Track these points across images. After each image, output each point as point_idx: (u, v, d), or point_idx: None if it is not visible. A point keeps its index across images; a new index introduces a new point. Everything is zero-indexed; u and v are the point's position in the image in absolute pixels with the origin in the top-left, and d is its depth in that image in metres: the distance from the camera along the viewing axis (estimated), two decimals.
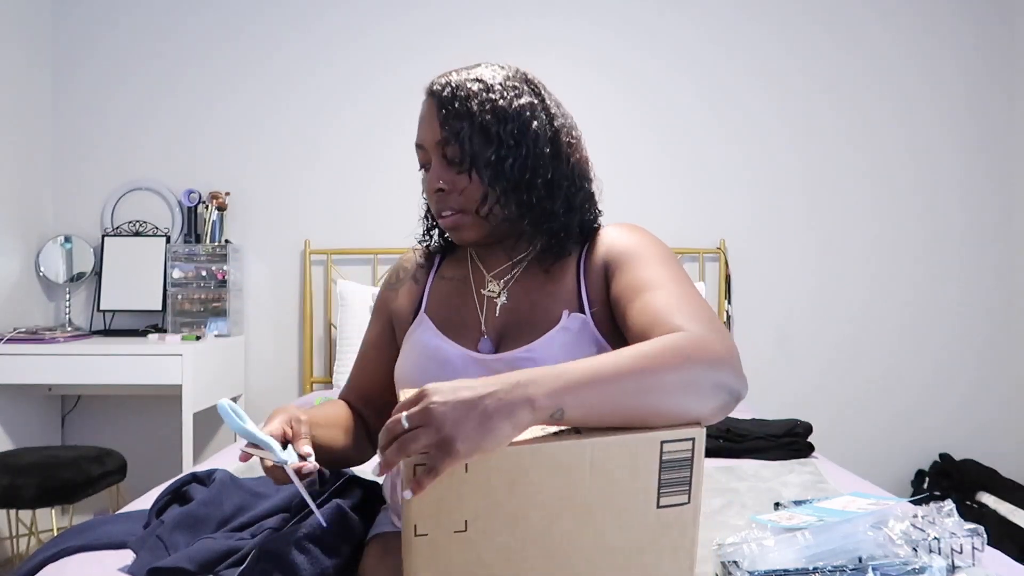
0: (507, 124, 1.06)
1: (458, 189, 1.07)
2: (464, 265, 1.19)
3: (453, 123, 1.06)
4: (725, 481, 1.89)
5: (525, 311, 1.10)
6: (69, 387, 3.05)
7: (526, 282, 1.13)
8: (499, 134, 1.05)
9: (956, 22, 3.25)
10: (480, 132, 1.06)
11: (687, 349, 0.82)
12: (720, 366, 0.84)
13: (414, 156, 1.18)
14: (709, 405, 0.83)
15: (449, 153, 1.07)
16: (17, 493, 2.33)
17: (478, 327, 1.12)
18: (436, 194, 1.09)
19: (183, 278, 3.03)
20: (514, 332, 1.09)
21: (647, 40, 3.23)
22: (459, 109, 1.06)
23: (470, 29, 3.22)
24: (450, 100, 1.07)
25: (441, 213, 1.10)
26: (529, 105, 1.09)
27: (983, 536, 1.12)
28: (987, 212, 3.25)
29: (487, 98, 1.07)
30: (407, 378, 1.11)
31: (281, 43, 3.23)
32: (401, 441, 0.71)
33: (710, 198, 3.23)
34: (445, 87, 1.10)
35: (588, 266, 1.10)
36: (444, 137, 1.07)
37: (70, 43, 3.23)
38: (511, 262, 1.15)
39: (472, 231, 1.10)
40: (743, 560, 1.05)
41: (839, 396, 3.21)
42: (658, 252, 1.06)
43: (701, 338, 0.85)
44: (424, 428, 0.70)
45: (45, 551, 1.29)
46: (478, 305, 1.13)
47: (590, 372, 0.77)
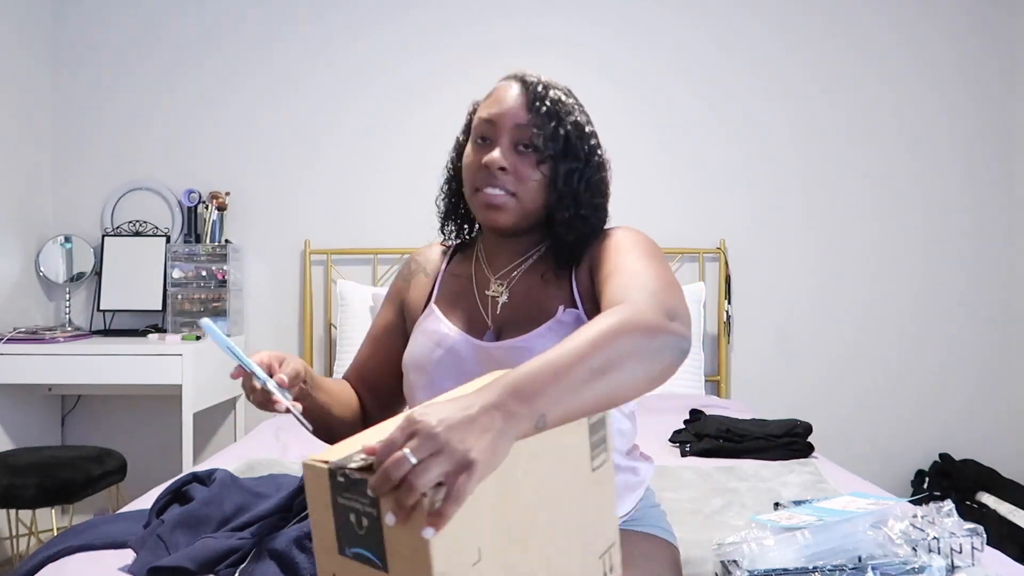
0: (582, 140, 1.15)
1: (519, 174, 1.12)
2: (470, 264, 1.25)
3: (542, 117, 1.12)
4: (725, 481, 1.89)
5: (523, 307, 1.16)
6: (69, 387, 3.05)
7: (526, 281, 1.19)
8: (576, 145, 1.14)
9: (956, 21, 3.24)
10: (564, 138, 1.13)
11: (622, 323, 0.85)
12: (655, 332, 0.87)
13: (414, 156, 1.19)
14: (657, 367, 0.87)
15: (533, 140, 1.11)
16: (17, 493, 2.33)
17: (484, 322, 1.18)
18: (496, 170, 1.11)
19: (183, 278, 3.03)
20: (513, 326, 1.15)
21: (647, 40, 3.23)
22: (549, 108, 1.12)
23: (470, 29, 3.22)
24: (542, 96, 1.13)
25: (488, 188, 1.12)
26: (594, 134, 1.19)
27: (982, 536, 1.12)
28: (988, 212, 3.25)
29: (571, 110, 1.15)
30: (415, 362, 1.17)
31: (281, 43, 3.23)
32: (413, 476, 0.63)
33: (710, 198, 3.23)
34: (538, 83, 1.15)
35: (578, 269, 1.17)
36: (529, 122, 1.11)
37: (70, 43, 3.23)
38: (515, 263, 1.20)
39: (509, 216, 1.13)
40: (743, 559, 1.05)
41: (839, 396, 3.21)
42: (638, 244, 1.11)
43: (635, 307, 0.89)
44: (434, 456, 0.64)
45: (45, 551, 1.29)
46: (480, 303, 1.20)
47: (548, 369, 0.77)
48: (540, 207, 1.15)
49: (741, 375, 3.21)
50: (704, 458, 2.14)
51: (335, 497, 0.68)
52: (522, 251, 1.21)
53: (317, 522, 0.71)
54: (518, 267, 1.20)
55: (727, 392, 3.16)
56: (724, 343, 3.15)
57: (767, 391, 3.19)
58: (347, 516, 0.68)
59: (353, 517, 0.67)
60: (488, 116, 1.14)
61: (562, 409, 0.76)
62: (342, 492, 0.68)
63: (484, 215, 1.15)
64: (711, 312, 3.17)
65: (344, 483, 0.67)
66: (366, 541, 0.67)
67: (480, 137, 1.15)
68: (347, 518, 0.68)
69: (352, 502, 0.67)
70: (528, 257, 1.21)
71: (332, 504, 0.68)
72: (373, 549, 0.67)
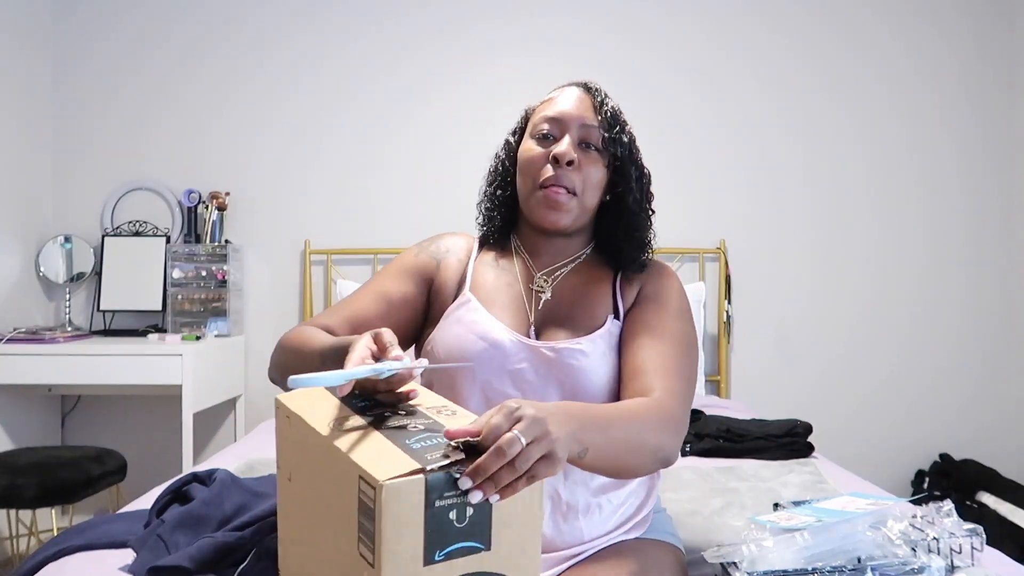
0: (635, 159, 1.21)
1: (584, 171, 1.15)
2: (510, 257, 1.26)
3: (608, 120, 1.17)
4: (725, 481, 1.90)
5: (566, 308, 1.19)
6: (69, 387, 3.05)
7: (570, 282, 1.22)
8: (630, 162, 1.20)
9: (956, 22, 3.24)
10: (627, 144, 1.19)
11: (660, 425, 1.00)
12: (670, 452, 1.02)
13: (415, 156, 1.20)
14: (646, 469, 1.02)
15: (597, 140, 1.16)
16: (17, 493, 2.33)
17: (525, 317, 1.19)
18: (565, 166, 1.14)
19: (183, 278, 3.03)
20: (554, 325, 1.17)
21: (647, 40, 3.23)
22: (612, 115, 1.19)
23: (470, 30, 3.22)
24: (605, 102, 1.19)
25: (554, 184, 1.15)
26: (640, 155, 1.24)
27: (982, 536, 1.12)
28: (989, 212, 3.25)
29: (628, 129, 1.22)
30: (453, 352, 1.13)
31: (281, 43, 3.23)
32: (520, 458, 0.72)
33: (710, 198, 3.23)
34: (601, 91, 1.21)
35: (625, 284, 1.22)
36: (596, 123, 1.16)
37: (70, 43, 3.23)
38: (562, 262, 1.23)
39: (569, 216, 1.17)
40: (742, 561, 1.05)
41: (839, 396, 3.21)
42: (678, 305, 1.20)
43: (675, 423, 1.03)
44: (537, 441, 0.74)
45: (45, 551, 1.29)
46: (526, 298, 1.20)
47: (607, 418, 0.92)
48: (595, 208, 1.20)
49: (741, 375, 3.21)
50: (704, 458, 2.14)
51: (431, 504, 0.70)
52: (569, 251, 1.24)
53: (392, 548, 0.68)
54: (564, 266, 1.23)
55: (727, 392, 3.16)
56: (724, 343, 3.15)
57: (767, 391, 3.19)
58: (444, 517, 0.71)
59: (453, 514, 0.72)
60: (554, 114, 1.17)
61: (597, 455, 0.88)
62: (441, 495, 0.71)
63: (542, 214, 1.17)
64: (711, 312, 3.17)
65: (444, 484, 0.71)
66: (464, 532, 0.72)
67: (544, 134, 1.17)
68: (444, 519, 0.71)
69: (451, 499, 0.71)
70: (576, 258, 1.24)
71: (425, 513, 0.70)
72: (474, 536, 0.73)
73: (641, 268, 1.23)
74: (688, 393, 1.10)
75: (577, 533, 1.12)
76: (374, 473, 0.69)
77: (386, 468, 0.70)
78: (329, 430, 0.80)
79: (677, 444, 1.04)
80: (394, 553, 0.69)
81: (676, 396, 1.07)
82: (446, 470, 0.71)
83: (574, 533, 1.11)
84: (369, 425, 0.81)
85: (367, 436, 0.78)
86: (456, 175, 3.09)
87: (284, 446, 0.90)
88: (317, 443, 0.81)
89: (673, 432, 1.03)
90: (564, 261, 1.23)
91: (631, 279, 1.22)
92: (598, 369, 1.12)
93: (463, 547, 0.72)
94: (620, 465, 0.96)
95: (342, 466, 0.75)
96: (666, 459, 1.03)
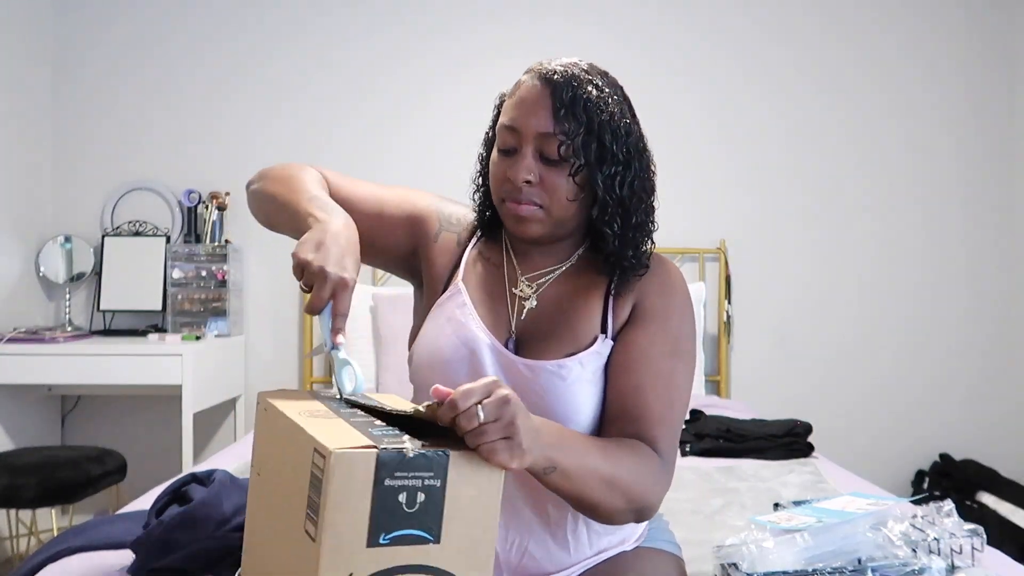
0: (619, 139, 1.03)
1: (547, 186, 1.02)
2: (500, 254, 1.14)
3: (570, 123, 1.00)
4: (725, 481, 1.90)
5: (551, 321, 1.08)
6: (69, 387, 3.05)
7: (557, 291, 1.10)
8: (612, 147, 1.02)
9: (955, 23, 3.24)
10: (597, 141, 1.02)
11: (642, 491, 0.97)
12: (651, 505, 0.99)
13: (414, 156, 1.17)
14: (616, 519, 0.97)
15: (561, 151, 1.01)
16: (17, 493, 2.33)
17: (507, 324, 1.09)
18: (523, 184, 1.02)
19: (183, 278, 3.03)
20: (537, 339, 1.07)
21: (646, 41, 3.23)
22: (577, 111, 1.01)
23: (470, 31, 3.22)
24: (570, 99, 1.01)
25: (515, 199, 1.03)
26: (633, 124, 1.08)
27: (982, 536, 1.12)
28: (988, 212, 3.25)
29: (604, 108, 1.02)
30: (436, 354, 1.07)
31: (281, 44, 3.23)
32: (474, 434, 0.74)
33: (710, 198, 3.22)
34: (564, 82, 1.02)
35: (619, 293, 1.08)
36: (555, 132, 1.00)
37: (70, 43, 3.22)
38: (548, 268, 1.11)
39: (540, 228, 1.04)
40: (742, 562, 1.05)
41: (839, 396, 3.21)
42: (678, 327, 1.08)
43: (657, 486, 1.00)
44: (496, 424, 0.75)
45: (45, 551, 1.29)
46: (508, 302, 1.10)
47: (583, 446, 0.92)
48: (575, 216, 1.05)
49: (741, 375, 3.21)
50: (704, 458, 2.14)
51: (380, 481, 0.68)
52: (557, 255, 1.11)
53: (334, 519, 0.67)
54: (551, 272, 1.11)
55: (727, 392, 3.16)
56: (724, 343, 3.15)
57: (767, 391, 3.18)
58: (393, 498, 0.69)
59: (403, 497, 0.69)
60: (510, 123, 1.04)
61: (564, 478, 0.88)
62: (392, 473, 0.69)
63: (511, 227, 1.06)
64: (711, 312, 3.17)
65: (398, 462, 0.69)
66: (414, 518, 0.70)
67: (503, 146, 1.05)
68: (392, 500, 0.69)
69: (405, 480, 0.69)
70: (563, 264, 1.11)
71: (373, 490, 0.68)
72: (423, 524, 0.70)
73: (633, 271, 1.08)
74: (677, 437, 1.06)
75: (568, 552, 1.06)
76: (326, 443, 0.68)
77: (339, 441, 0.69)
78: (298, 415, 0.79)
79: (658, 500, 0.99)
80: (336, 526, 0.67)
81: (668, 449, 1.02)
82: (399, 450, 0.69)
83: (566, 552, 1.06)
84: (339, 417, 0.80)
85: (333, 423, 0.77)
86: (456, 175, 3.06)
87: (258, 440, 0.89)
88: (284, 427, 0.79)
89: (658, 488, 0.99)
90: (551, 266, 1.11)
91: (624, 291, 1.08)
92: (576, 396, 1.02)
93: (410, 534, 0.70)
94: (588, 499, 0.91)
95: (301, 443, 0.73)
96: (641, 513, 0.98)
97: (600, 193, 1.03)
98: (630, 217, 1.05)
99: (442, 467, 0.71)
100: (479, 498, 0.73)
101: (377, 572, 0.69)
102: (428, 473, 0.70)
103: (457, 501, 0.72)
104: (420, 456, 0.70)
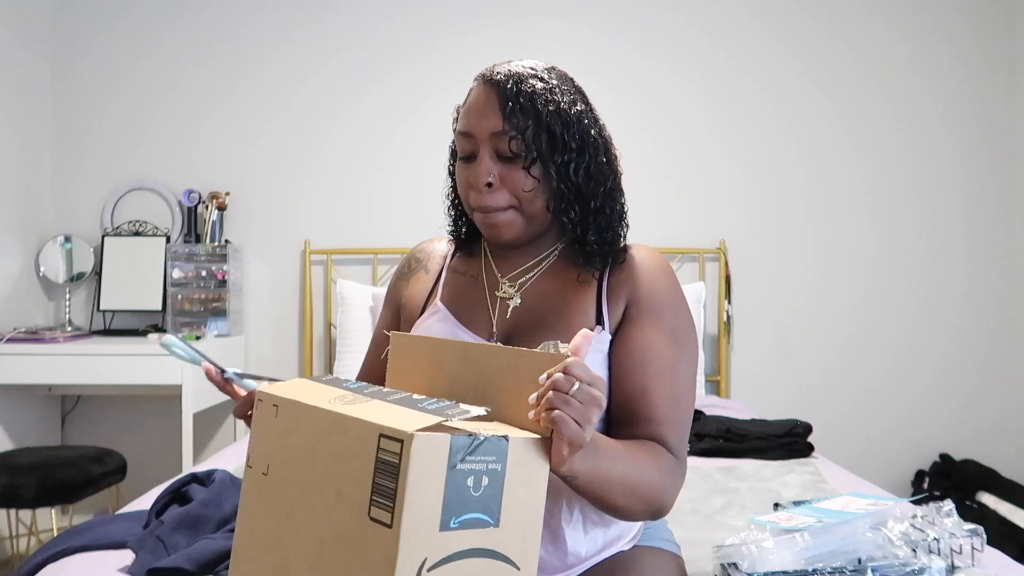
0: (570, 128, 1.04)
1: (509, 184, 1.04)
2: (478, 262, 1.17)
3: (518, 118, 1.03)
4: (725, 481, 1.90)
5: (539, 315, 1.09)
6: (69, 387, 3.05)
7: (543, 287, 1.11)
8: (563, 136, 1.04)
9: (955, 23, 3.24)
10: (546, 132, 1.03)
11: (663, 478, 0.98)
12: (666, 503, 1.00)
13: (414, 157, 1.17)
14: (635, 517, 0.99)
15: (513, 147, 1.03)
16: (17, 493, 2.33)
17: (489, 326, 1.10)
18: (483, 188, 1.04)
19: (183, 278, 3.03)
20: (526, 333, 1.07)
21: (646, 41, 3.23)
22: (524, 104, 1.03)
23: (470, 31, 3.22)
24: (515, 94, 1.03)
25: (483, 208, 1.05)
26: (586, 112, 1.08)
27: (982, 536, 1.12)
28: (988, 212, 3.25)
29: (551, 99, 1.04)
30: None
31: (281, 43, 3.23)
32: (559, 398, 0.74)
33: (710, 198, 3.22)
34: (508, 80, 1.04)
35: (612, 286, 1.09)
36: (505, 129, 1.03)
37: (70, 43, 3.22)
38: (527, 265, 1.13)
39: (514, 230, 1.07)
40: (742, 562, 1.05)
41: (839, 396, 3.21)
42: (677, 317, 1.08)
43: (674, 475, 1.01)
44: (581, 407, 0.75)
45: (45, 551, 1.29)
46: (490, 304, 1.12)
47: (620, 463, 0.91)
48: (544, 210, 1.07)
49: (741, 375, 3.21)
50: (704, 458, 2.14)
51: (453, 464, 0.69)
52: (535, 252, 1.13)
53: (414, 502, 0.67)
54: (532, 270, 1.12)
55: (727, 392, 3.16)
56: (724, 343, 3.15)
57: (767, 391, 3.19)
58: (463, 481, 0.70)
59: (471, 480, 0.70)
60: (464, 129, 1.06)
61: (590, 485, 0.88)
62: (464, 457, 0.70)
63: (488, 233, 1.08)
64: (711, 312, 3.17)
65: (469, 446, 0.70)
66: (479, 502, 0.71)
67: (463, 153, 1.07)
68: (463, 483, 0.70)
69: (474, 464, 0.70)
70: (543, 260, 1.13)
71: (447, 474, 0.69)
72: (486, 508, 0.71)
73: (606, 258, 1.09)
74: (688, 432, 1.07)
75: (565, 552, 1.05)
76: (400, 427, 0.68)
77: (411, 422, 0.69)
78: (328, 404, 0.78)
79: (674, 500, 1.01)
80: (416, 509, 0.67)
81: (680, 448, 1.04)
82: (470, 434, 0.70)
83: (563, 551, 1.05)
84: (372, 398, 0.80)
85: (375, 405, 0.77)
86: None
87: (266, 438, 0.87)
88: (316, 420, 0.78)
89: (674, 488, 1.01)
90: (531, 263, 1.12)
91: (617, 283, 1.09)
92: None
93: (476, 518, 0.71)
94: (609, 503, 0.93)
95: (353, 431, 0.73)
96: (658, 513, 1.00)
97: (554, 183, 1.04)
98: (588, 203, 1.06)
99: (503, 452, 0.72)
100: (529, 485, 0.75)
101: (448, 555, 0.70)
102: (492, 457, 0.71)
103: (512, 486, 0.73)
104: (488, 440, 0.71)
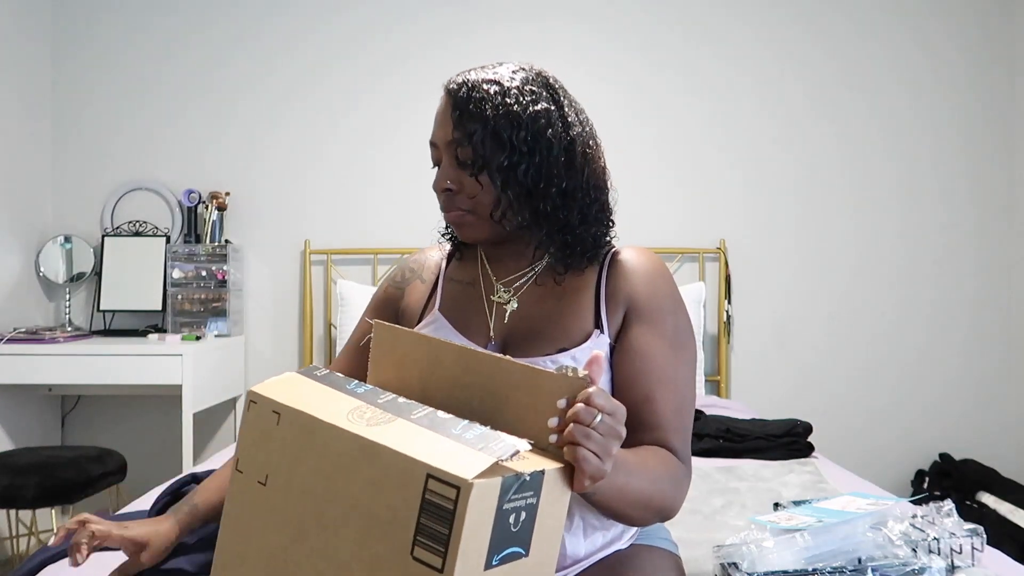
0: (520, 130, 1.04)
1: (466, 191, 1.06)
2: (474, 268, 1.17)
3: (467, 124, 1.04)
4: (725, 481, 1.90)
5: (536, 320, 1.09)
6: (69, 387, 3.05)
7: (538, 291, 1.11)
8: (511, 139, 1.03)
9: (953, 25, 3.24)
10: (492, 136, 1.03)
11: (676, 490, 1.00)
12: (672, 510, 1.01)
13: (414, 157, 1.18)
14: (647, 522, 1.00)
15: (460, 155, 1.05)
16: (17, 493, 2.33)
17: (486, 332, 1.10)
18: (444, 193, 1.09)
19: (183, 278, 3.03)
20: (522, 339, 1.08)
21: (646, 43, 3.23)
22: (473, 111, 1.04)
23: (470, 33, 3.22)
24: (464, 101, 1.05)
25: (446, 212, 1.11)
26: (545, 112, 1.06)
27: (982, 536, 1.12)
28: (988, 212, 3.25)
29: (502, 102, 1.04)
30: None
31: (282, 46, 3.23)
32: (581, 432, 0.72)
33: (710, 198, 3.22)
34: (461, 87, 1.07)
35: (610, 292, 1.09)
36: (456, 138, 1.05)
37: (70, 42, 3.22)
38: (523, 270, 1.13)
39: (476, 230, 1.09)
40: (742, 562, 1.05)
41: (839, 396, 3.21)
42: (677, 321, 1.08)
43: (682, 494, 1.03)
44: (602, 439, 0.74)
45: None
46: (487, 310, 1.12)
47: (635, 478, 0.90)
48: (515, 216, 1.07)
49: (741, 375, 3.21)
50: (704, 458, 2.14)
51: (501, 504, 0.68)
52: (528, 256, 1.13)
53: (469, 546, 0.65)
54: (526, 274, 1.12)
55: (727, 392, 3.16)
56: (724, 343, 3.15)
57: (767, 391, 3.19)
58: (507, 520, 0.69)
59: (512, 517, 0.69)
60: (431, 139, 1.11)
61: (606, 502, 0.88)
62: (511, 496, 0.68)
63: (457, 233, 1.13)
64: (711, 312, 3.17)
65: (515, 485, 0.69)
66: (517, 537, 0.70)
67: (433, 161, 1.12)
68: (506, 522, 0.69)
69: (517, 501, 0.69)
70: (536, 266, 1.12)
71: (495, 514, 0.68)
72: (522, 541, 0.71)
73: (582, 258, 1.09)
74: (690, 435, 1.08)
75: (564, 554, 1.04)
76: (453, 471, 0.66)
77: (463, 465, 0.66)
78: (351, 424, 0.75)
79: (680, 504, 1.02)
80: (468, 555, 0.65)
81: (685, 452, 1.05)
82: (517, 474, 0.68)
83: (563, 555, 1.04)
84: (392, 413, 0.77)
85: (403, 427, 0.74)
86: None
87: (263, 445, 0.82)
88: (338, 441, 0.75)
89: (683, 495, 1.02)
90: (526, 268, 1.12)
91: (615, 287, 1.09)
92: None
93: (513, 552, 0.70)
94: (620, 514, 0.93)
95: (389, 464, 0.70)
96: (665, 517, 1.01)
97: (496, 190, 1.05)
98: (541, 204, 1.06)
99: (539, 485, 0.71)
100: (554, 513, 0.74)
101: None
102: (530, 492, 0.70)
103: (543, 517, 0.72)
104: (531, 477, 0.70)
